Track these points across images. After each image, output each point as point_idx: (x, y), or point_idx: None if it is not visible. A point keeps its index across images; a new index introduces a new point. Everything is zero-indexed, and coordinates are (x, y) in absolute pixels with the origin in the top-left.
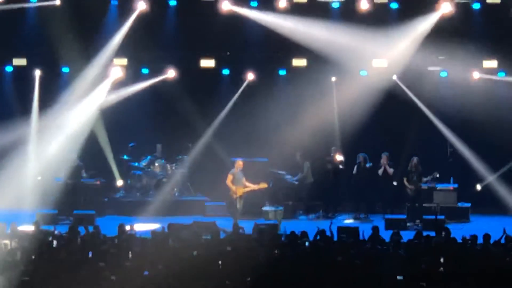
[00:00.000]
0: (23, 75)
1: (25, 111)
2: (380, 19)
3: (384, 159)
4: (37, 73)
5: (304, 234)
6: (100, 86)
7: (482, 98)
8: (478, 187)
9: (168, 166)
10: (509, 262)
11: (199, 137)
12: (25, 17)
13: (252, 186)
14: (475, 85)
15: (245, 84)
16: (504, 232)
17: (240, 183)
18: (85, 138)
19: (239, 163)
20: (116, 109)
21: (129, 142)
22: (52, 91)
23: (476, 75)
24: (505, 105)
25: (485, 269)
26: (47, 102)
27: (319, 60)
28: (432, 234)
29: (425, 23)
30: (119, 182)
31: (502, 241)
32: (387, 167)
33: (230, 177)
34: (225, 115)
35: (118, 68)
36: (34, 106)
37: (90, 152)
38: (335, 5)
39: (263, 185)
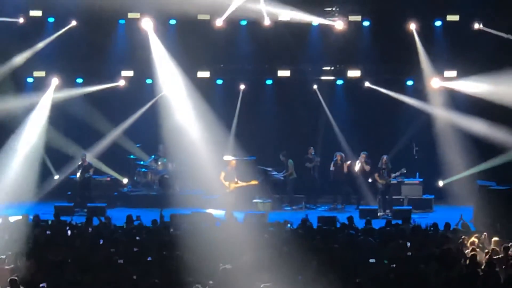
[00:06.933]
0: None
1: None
2: (354, 34)
3: (362, 157)
4: (54, 81)
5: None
6: None
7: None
8: (441, 183)
9: (170, 164)
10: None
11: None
12: (44, 33)
13: (242, 183)
14: (437, 92)
15: (241, 94)
16: (461, 218)
17: (232, 179)
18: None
19: (232, 162)
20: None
21: (136, 143)
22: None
23: (437, 83)
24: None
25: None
26: None
27: (302, 71)
28: (400, 222)
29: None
30: (125, 180)
31: (459, 226)
32: (365, 164)
33: (222, 174)
34: (218, 120)
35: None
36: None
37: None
38: (314, 23)
39: (254, 182)
